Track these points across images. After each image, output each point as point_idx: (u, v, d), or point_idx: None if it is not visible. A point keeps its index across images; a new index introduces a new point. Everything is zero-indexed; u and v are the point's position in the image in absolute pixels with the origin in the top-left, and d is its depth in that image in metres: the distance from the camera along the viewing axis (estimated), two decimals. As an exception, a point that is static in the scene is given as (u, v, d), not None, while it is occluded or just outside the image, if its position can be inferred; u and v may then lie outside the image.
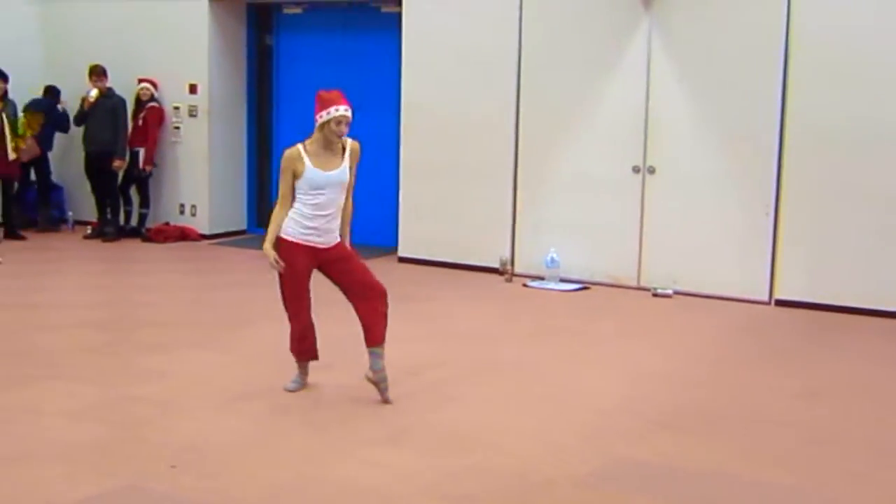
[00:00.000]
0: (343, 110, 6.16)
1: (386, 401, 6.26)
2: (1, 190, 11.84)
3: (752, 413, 6.29)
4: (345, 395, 6.38)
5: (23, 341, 7.52)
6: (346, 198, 6.36)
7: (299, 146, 6.24)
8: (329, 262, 6.31)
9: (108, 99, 11.86)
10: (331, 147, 6.26)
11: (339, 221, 6.35)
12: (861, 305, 8.92)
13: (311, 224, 6.21)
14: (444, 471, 5.21)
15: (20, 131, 11.79)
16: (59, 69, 12.64)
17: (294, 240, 6.22)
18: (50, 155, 12.56)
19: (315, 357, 6.54)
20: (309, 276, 6.34)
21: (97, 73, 11.84)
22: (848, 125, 8.87)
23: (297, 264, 6.26)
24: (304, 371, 6.54)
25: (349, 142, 6.32)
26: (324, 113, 6.15)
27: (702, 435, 5.85)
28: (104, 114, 11.84)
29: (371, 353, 6.28)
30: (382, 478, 5.10)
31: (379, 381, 6.27)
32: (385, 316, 6.32)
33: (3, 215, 11.96)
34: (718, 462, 5.43)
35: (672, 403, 6.42)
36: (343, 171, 6.27)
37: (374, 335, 6.27)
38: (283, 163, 6.24)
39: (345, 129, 6.22)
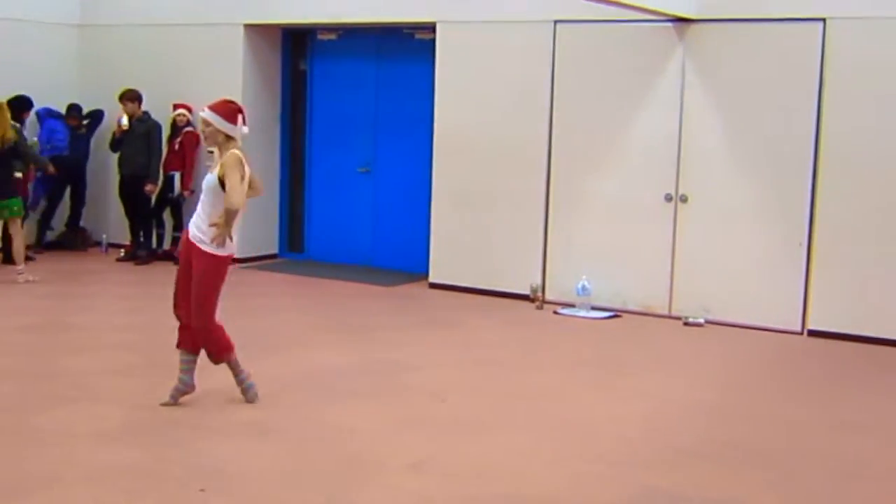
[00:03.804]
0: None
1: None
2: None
3: (784, 444, 6.23)
4: (372, 422, 6.39)
5: (55, 363, 7.57)
6: (216, 203, 6.62)
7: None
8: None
9: (143, 123, 11.95)
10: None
11: (199, 221, 6.67)
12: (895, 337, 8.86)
13: None
14: (470, 498, 5.19)
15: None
16: (96, 93, 12.76)
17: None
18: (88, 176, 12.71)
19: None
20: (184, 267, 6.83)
21: (128, 97, 11.90)
22: (883, 155, 8.81)
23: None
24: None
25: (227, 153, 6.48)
26: None
27: (730, 466, 5.80)
28: (139, 138, 11.91)
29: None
30: (410, 505, 5.10)
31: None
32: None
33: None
34: (746, 494, 5.38)
35: (701, 433, 6.38)
36: (210, 176, 6.54)
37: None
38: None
39: (204, 130, 6.51)
